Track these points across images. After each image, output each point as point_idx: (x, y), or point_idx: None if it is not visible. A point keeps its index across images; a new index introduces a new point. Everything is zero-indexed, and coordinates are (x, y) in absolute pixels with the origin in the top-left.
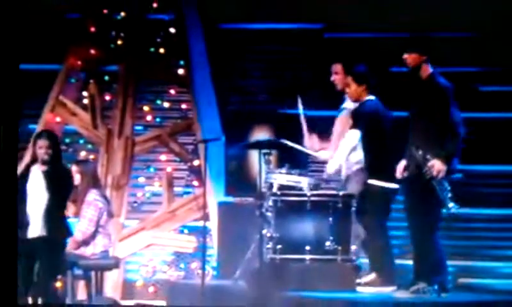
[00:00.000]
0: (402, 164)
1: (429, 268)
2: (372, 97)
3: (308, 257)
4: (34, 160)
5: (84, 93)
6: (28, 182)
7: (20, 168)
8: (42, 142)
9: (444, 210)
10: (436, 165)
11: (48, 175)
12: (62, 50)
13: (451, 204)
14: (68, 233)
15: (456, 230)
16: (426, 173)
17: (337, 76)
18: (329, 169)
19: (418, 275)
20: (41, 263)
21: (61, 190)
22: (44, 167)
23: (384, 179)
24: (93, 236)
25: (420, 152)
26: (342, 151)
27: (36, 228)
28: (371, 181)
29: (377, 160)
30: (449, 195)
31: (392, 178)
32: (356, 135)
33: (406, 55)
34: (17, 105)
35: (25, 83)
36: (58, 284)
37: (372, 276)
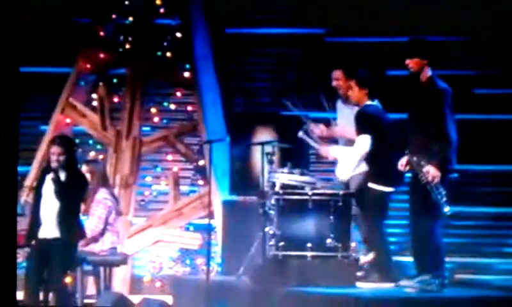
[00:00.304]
0: (405, 159)
1: (428, 265)
2: (372, 101)
3: (309, 254)
4: (49, 165)
5: (94, 95)
6: (43, 186)
7: (34, 169)
8: (54, 149)
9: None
10: (431, 172)
11: (57, 182)
12: (72, 53)
13: (447, 209)
14: (81, 235)
15: (454, 228)
16: (421, 178)
17: (338, 82)
18: (341, 176)
19: (419, 270)
20: (54, 263)
21: (73, 196)
22: (54, 174)
23: (383, 183)
24: (102, 233)
25: (415, 158)
26: (354, 158)
27: (49, 230)
28: (370, 185)
29: (377, 163)
30: (444, 199)
31: (390, 182)
32: (367, 140)
33: (408, 61)
34: (17, 107)
35: (37, 85)
36: (68, 279)
37: (370, 256)
